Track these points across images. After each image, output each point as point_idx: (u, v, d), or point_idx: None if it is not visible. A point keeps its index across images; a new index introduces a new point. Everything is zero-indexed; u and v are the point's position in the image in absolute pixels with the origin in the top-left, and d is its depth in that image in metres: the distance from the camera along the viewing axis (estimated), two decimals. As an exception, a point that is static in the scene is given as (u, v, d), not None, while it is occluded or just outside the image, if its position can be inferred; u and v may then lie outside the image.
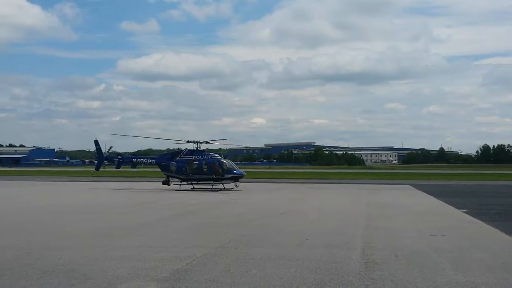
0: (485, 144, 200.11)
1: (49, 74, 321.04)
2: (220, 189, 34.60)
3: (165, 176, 37.16)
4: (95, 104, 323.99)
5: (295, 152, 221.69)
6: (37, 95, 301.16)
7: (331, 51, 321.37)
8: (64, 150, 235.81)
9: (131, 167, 42.42)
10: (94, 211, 19.94)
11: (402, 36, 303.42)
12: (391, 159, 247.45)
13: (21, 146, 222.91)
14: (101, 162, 42.23)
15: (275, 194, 31.14)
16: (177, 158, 36.26)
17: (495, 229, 14.68)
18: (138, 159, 41.00)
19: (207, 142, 37.85)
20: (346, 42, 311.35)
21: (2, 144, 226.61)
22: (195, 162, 35.55)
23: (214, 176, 35.15)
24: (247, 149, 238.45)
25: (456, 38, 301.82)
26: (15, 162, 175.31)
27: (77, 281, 8.06)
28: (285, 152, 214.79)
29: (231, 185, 35.35)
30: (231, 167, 36.04)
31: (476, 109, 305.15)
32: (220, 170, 35.06)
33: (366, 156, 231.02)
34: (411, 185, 41.70)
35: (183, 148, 37.77)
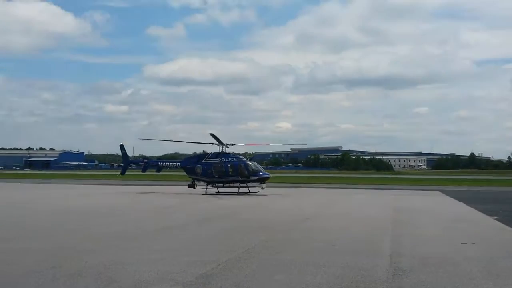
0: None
1: (78, 79, 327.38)
2: (246, 193, 34.64)
3: (191, 179, 37.27)
4: (123, 108, 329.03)
5: (321, 156, 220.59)
6: (66, 99, 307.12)
7: (356, 56, 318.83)
8: (93, 153, 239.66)
9: (156, 171, 42.96)
10: (120, 214, 20.15)
11: (429, 40, 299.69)
12: (420, 164, 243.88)
13: (51, 149, 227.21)
14: (126, 166, 42.61)
15: (302, 199, 30.97)
16: (203, 161, 36.39)
17: (528, 237, 14.27)
18: (164, 163, 41.38)
19: (233, 145, 37.75)
20: (371, 46, 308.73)
21: (33, 147, 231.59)
22: (221, 164, 35.57)
23: (240, 178, 35.29)
24: (273, 154, 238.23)
25: (485, 42, 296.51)
26: (46, 165, 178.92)
27: (103, 284, 8.11)
28: (312, 156, 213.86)
29: (256, 188, 35.38)
30: (256, 168, 36.17)
31: (506, 113, 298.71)
32: (246, 172, 35.16)
33: (394, 161, 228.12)
34: (440, 191, 40.98)
35: (208, 151, 37.77)
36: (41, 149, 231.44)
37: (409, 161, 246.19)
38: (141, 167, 41.61)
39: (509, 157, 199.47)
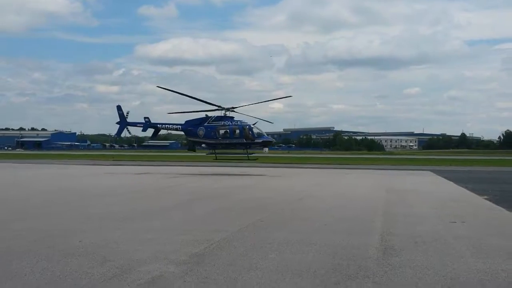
0: (508, 130, 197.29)
1: (69, 59, 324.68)
2: (244, 159, 36.58)
3: (191, 142, 37.91)
4: (114, 88, 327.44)
5: (314, 137, 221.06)
6: (57, 79, 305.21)
7: (348, 36, 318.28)
8: (85, 134, 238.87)
9: (152, 136, 42.53)
10: (115, 194, 20.19)
11: (421, 21, 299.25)
12: (411, 144, 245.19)
13: (43, 130, 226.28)
14: (122, 128, 41.59)
15: (294, 179, 31.14)
16: (205, 124, 36.69)
17: (516, 216, 14.47)
18: (163, 125, 40.40)
19: (233, 109, 37.45)
20: (364, 26, 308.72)
21: (24, 127, 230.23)
22: (225, 126, 36.06)
23: (244, 141, 35.84)
24: (267, 134, 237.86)
25: (476, 22, 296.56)
26: (37, 145, 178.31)
27: (97, 263, 8.19)
28: (304, 137, 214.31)
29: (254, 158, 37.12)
30: (261, 132, 36.73)
31: (497, 94, 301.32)
32: (251, 135, 35.71)
33: (385, 141, 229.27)
34: (431, 171, 41.33)
35: (210, 115, 37.67)
36: (32, 129, 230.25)
37: (401, 141, 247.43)
38: (139, 128, 40.75)
39: (499, 137, 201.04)
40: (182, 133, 39.61)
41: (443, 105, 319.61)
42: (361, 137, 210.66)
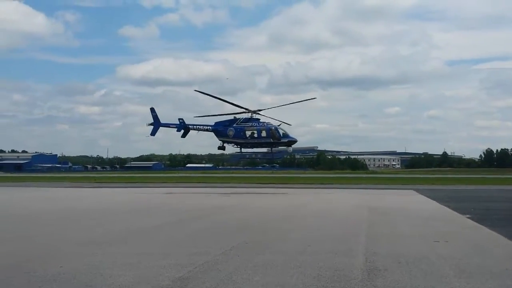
0: (489, 148, 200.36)
1: (50, 80, 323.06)
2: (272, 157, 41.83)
3: (221, 142, 40.62)
4: (96, 109, 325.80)
5: (297, 156, 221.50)
6: (37, 101, 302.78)
7: (329, 56, 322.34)
8: (66, 155, 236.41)
9: (182, 136, 43.26)
10: (97, 217, 19.91)
11: (401, 41, 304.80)
12: (394, 163, 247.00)
13: (24, 152, 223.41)
14: (156, 129, 43.39)
15: (278, 199, 31.07)
16: (234, 125, 39.66)
17: (498, 234, 14.57)
18: (195, 126, 42.41)
19: (259, 112, 40.13)
20: (344, 47, 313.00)
21: (4, 150, 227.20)
22: (253, 127, 39.09)
23: (271, 141, 38.90)
24: (250, 154, 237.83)
25: (455, 43, 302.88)
26: (18, 167, 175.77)
27: (78, 289, 8.03)
28: (288, 156, 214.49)
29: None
30: (285, 133, 39.38)
31: (476, 112, 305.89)
32: (277, 135, 38.52)
33: (369, 160, 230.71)
34: (414, 190, 41.58)
35: (238, 117, 40.61)
36: (13, 151, 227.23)
37: (384, 160, 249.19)
38: (174, 128, 42.93)
39: (480, 156, 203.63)
40: (212, 133, 41.71)
41: (424, 124, 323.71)
42: (344, 157, 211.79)
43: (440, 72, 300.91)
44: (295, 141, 40.36)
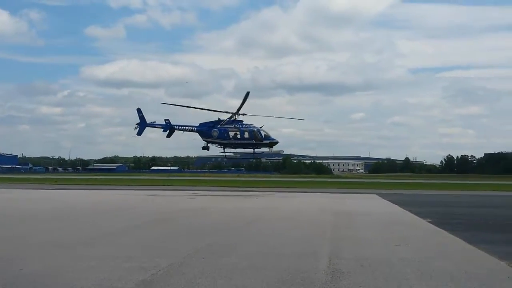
0: (449, 155, 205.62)
1: (12, 79, 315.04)
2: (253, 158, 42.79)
3: (205, 142, 42.32)
4: (59, 110, 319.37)
5: (263, 160, 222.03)
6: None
7: (297, 61, 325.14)
8: (27, 156, 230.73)
9: (167, 136, 44.41)
10: (59, 219, 19.49)
11: (366, 48, 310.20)
12: (358, 168, 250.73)
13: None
14: (143, 128, 44.47)
15: (244, 203, 31.08)
16: (218, 126, 41.35)
17: (458, 238, 14.96)
18: (180, 127, 43.91)
19: (244, 114, 42.05)
20: (312, 53, 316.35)
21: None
22: (236, 128, 41.02)
23: (254, 142, 41.00)
24: (216, 157, 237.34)
25: (419, 51, 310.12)
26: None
27: (39, 293, 7.85)
28: (254, 160, 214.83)
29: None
30: (267, 134, 41.71)
31: (439, 120, 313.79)
32: (259, 136, 40.76)
33: (333, 165, 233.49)
34: (377, 194, 42.25)
35: (222, 118, 42.45)
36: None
37: (348, 165, 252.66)
38: (160, 128, 44.20)
39: (441, 162, 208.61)
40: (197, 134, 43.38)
41: (388, 130, 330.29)
42: (309, 161, 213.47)
43: (404, 80, 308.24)
44: (276, 142, 42.40)
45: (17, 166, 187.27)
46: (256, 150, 42.81)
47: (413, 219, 21.43)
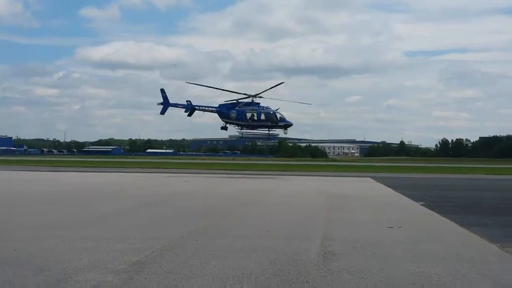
0: (444, 138, 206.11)
1: (6, 61, 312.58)
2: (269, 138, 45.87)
3: (224, 122, 44.39)
4: (54, 91, 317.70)
5: (259, 143, 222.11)
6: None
7: (293, 44, 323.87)
8: (22, 138, 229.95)
9: (188, 115, 46.44)
10: (55, 201, 19.52)
11: (363, 31, 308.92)
12: (353, 151, 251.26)
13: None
14: (166, 108, 46.12)
15: (238, 186, 31.19)
16: (237, 108, 43.32)
17: (450, 221, 15.10)
18: (200, 107, 46.01)
19: (260, 97, 43.99)
20: (308, 35, 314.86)
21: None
22: (254, 110, 42.91)
23: (269, 124, 43.09)
24: (211, 140, 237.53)
25: (415, 34, 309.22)
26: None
27: (32, 273, 7.90)
28: (249, 143, 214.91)
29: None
30: (283, 117, 43.58)
31: (434, 103, 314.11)
32: (275, 119, 42.67)
33: (328, 148, 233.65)
34: (371, 177, 42.44)
35: (240, 100, 44.42)
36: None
37: (343, 149, 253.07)
38: (182, 108, 46.10)
39: (436, 145, 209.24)
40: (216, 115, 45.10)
41: (383, 113, 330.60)
42: (305, 144, 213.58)
43: (400, 63, 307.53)
44: (291, 125, 43.94)
45: (11, 148, 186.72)
46: (271, 131, 44.55)
47: (406, 202, 21.57)
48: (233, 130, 46.55)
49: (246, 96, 44.22)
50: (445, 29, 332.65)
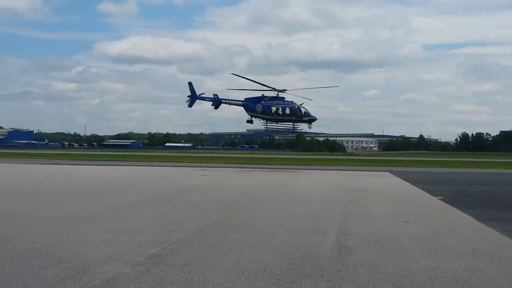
0: (464, 132, 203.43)
1: (26, 55, 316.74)
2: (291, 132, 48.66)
3: (250, 116, 45.62)
4: (73, 86, 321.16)
5: (276, 138, 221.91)
6: (13, 76, 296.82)
7: (310, 38, 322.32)
8: (42, 132, 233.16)
9: (214, 108, 48.30)
10: (73, 194, 19.80)
11: (380, 25, 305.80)
12: (372, 145, 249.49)
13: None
14: (193, 101, 48.44)
15: (256, 179, 31.26)
16: (262, 102, 44.39)
17: (468, 216, 14.97)
18: (227, 101, 47.61)
19: (285, 91, 45.25)
20: (325, 29, 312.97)
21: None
22: (279, 105, 43.95)
23: (294, 118, 44.14)
24: (229, 134, 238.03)
25: (433, 27, 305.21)
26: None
27: (51, 265, 8.06)
28: (267, 137, 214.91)
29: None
30: (307, 111, 44.60)
31: (453, 97, 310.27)
32: (300, 113, 43.82)
33: (347, 142, 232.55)
34: (389, 171, 42.17)
35: (266, 95, 45.54)
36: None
37: (361, 143, 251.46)
38: (209, 102, 48.17)
39: (456, 139, 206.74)
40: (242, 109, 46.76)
41: (401, 107, 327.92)
42: (323, 138, 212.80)
43: (418, 56, 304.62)
44: (315, 119, 45.05)
45: (33, 142, 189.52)
46: (295, 126, 45.69)
47: (424, 196, 21.42)
48: (250, 125, 47.53)
49: (271, 89, 45.06)
50: (463, 22, 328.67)
